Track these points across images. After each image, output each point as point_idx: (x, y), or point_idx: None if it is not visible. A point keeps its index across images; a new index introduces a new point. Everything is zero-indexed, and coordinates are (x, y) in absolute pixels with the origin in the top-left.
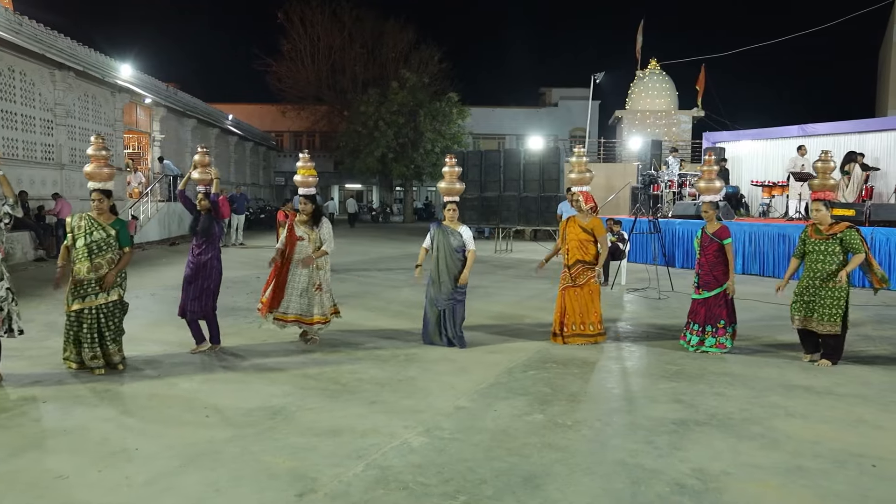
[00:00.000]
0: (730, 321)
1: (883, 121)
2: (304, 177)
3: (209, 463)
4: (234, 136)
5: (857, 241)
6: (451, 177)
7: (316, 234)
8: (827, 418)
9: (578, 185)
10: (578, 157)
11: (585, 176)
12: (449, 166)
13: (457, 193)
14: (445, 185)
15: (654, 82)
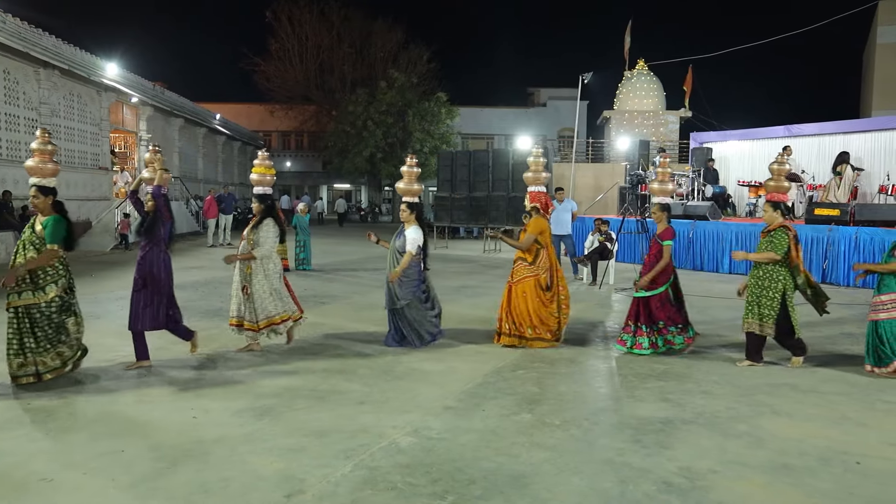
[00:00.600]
0: (669, 322)
1: (867, 122)
2: (260, 175)
3: (196, 464)
4: (222, 136)
5: (780, 241)
6: (410, 177)
7: (254, 236)
8: (812, 416)
9: (533, 184)
10: (535, 157)
11: (540, 176)
12: (408, 166)
13: (415, 194)
14: (404, 185)
15: (641, 83)
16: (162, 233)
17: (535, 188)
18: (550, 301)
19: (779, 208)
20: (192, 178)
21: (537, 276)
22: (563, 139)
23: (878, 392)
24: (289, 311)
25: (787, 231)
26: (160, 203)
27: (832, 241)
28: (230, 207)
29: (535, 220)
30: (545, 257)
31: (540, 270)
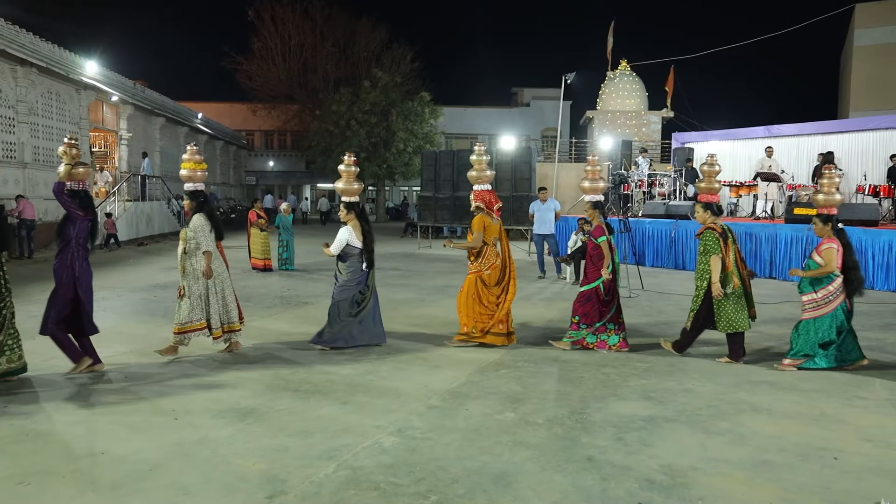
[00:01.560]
0: (584, 319)
1: (844, 122)
2: (190, 171)
3: (178, 466)
4: (204, 135)
5: (709, 243)
6: (349, 177)
7: (184, 233)
8: (791, 413)
9: (477, 182)
10: (479, 156)
11: (484, 174)
12: (346, 165)
13: (354, 194)
14: (343, 184)
15: (624, 83)
16: (71, 233)
17: (480, 186)
18: (497, 297)
19: (709, 209)
20: (173, 178)
21: (479, 273)
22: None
23: (856, 389)
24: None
25: (713, 231)
26: (64, 201)
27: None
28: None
29: (478, 218)
30: (491, 254)
31: (483, 267)
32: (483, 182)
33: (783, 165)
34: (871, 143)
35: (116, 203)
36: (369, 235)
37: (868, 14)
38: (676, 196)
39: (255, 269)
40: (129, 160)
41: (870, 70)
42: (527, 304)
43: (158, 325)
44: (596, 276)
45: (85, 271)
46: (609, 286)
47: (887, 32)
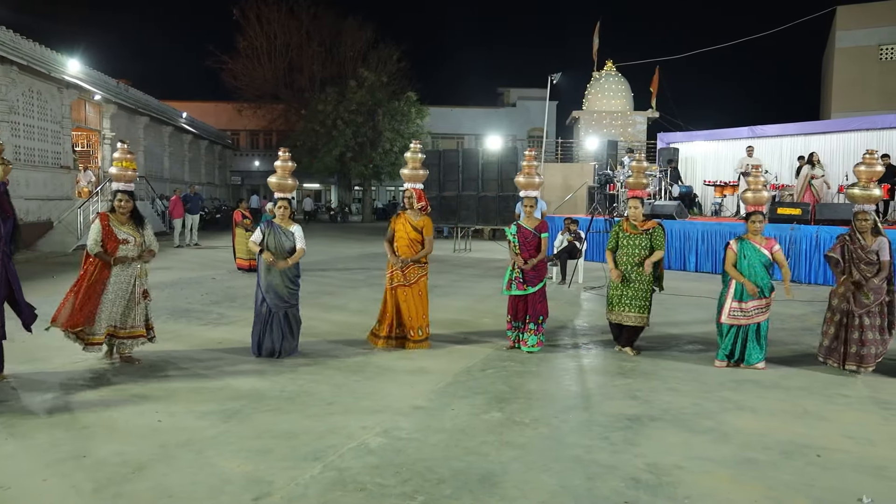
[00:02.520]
0: (546, 316)
1: (826, 123)
2: (121, 169)
3: (162, 468)
4: (189, 135)
5: (661, 239)
6: (284, 172)
7: (142, 237)
8: (775, 411)
9: (411, 181)
10: (413, 154)
11: (418, 173)
12: (282, 161)
13: (289, 190)
14: (276, 179)
15: (610, 83)
16: (2, 231)
17: (417, 185)
18: None
19: (644, 204)
20: (158, 178)
21: (427, 274)
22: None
23: (838, 387)
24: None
25: (664, 228)
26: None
27: (794, 240)
28: (197, 207)
29: (428, 220)
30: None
31: (427, 268)
32: (419, 181)
33: (766, 165)
34: (852, 144)
35: (99, 203)
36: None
37: (849, 16)
38: (661, 196)
39: (240, 269)
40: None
41: (851, 72)
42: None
43: None
44: (545, 273)
45: (13, 271)
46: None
47: (868, 35)
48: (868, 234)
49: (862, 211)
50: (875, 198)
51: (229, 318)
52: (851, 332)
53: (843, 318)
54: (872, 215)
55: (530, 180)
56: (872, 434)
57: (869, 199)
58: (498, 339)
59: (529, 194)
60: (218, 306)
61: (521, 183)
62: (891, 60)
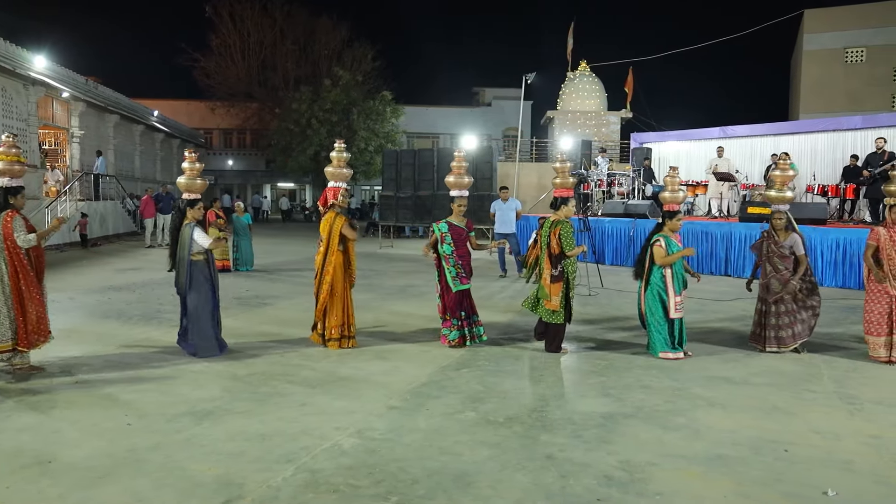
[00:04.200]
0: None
1: (794, 124)
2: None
3: (130, 472)
4: (161, 133)
5: (567, 234)
6: (192, 172)
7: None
8: (744, 407)
9: (334, 179)
10: (339, 152)
11: (342, 171)
12: (189, 161)
13: (198, 190)
14: (185, 180)
15: (584, 84)
16: None
17: (339, 183)
18: None
19: (569, 203)
20: (128, 177)
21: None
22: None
23: (805, 383)
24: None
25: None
26: None
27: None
28: (168, 207)
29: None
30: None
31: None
32: (341, 179)
33: (737, 165)
34: (819, 144)
35: (68, 203)
36: None
37: (817, 20)
38: (635, 195)
39: None
40: (82, 158)
41: (818, 74)
42: (488, 302)
43: (112, 328)
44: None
45: None
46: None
47: (834, 38)
48: (782, 231)
49: (777, 210)
50: (788, 199)
51: None
52: (769, 318)
53: (763, 306)
54: (786, 214)
55: (459, 180)
56: (838, 429)
57: (783, 201)
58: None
59: (462, 194)
60: None
61: (451, 183)
62: (855, 63)
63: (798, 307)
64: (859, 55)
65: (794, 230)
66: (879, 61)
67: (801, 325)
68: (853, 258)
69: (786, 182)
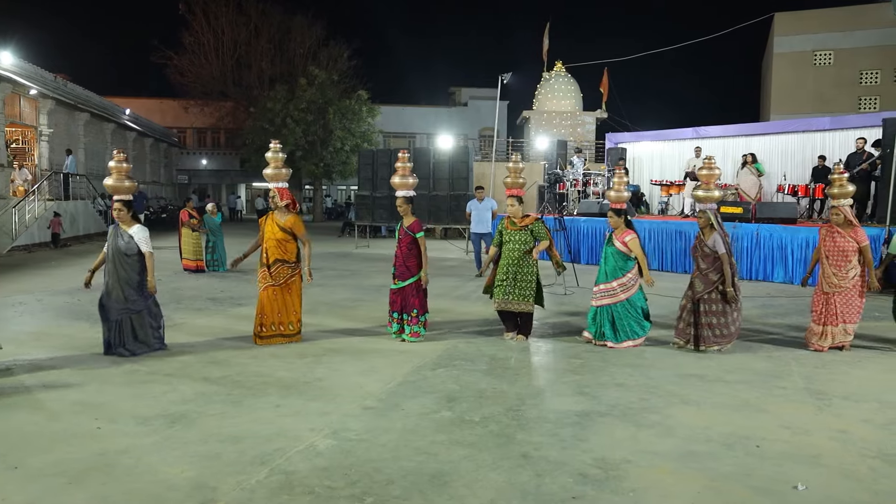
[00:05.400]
0: (422, 310)
1: (765, 125)
2: None
3: (100, 477)
4: (133, 132)
5: (542, 231)
6: (119, 173)
7: None
8: (717, 404)
9: (273, 180)
10: (274, 153)
11: (281, 172)
12: (117, 161)
13: (125, 192)
14: (112, 182)
15: (559, 84)
16: None
17: (279, 184)
18: None
19: (522, 202)
20: (99, 176)
21: (299, 274)
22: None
23: (776, 379)
24: None
25: (542, 221)
26: None
27: (736, 238)
28: (141, 206)
29: (295, 219)
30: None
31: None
32: (281, 179)
33: None
34: (790, 145)
35: (37, 203)
36: None
37: (786, 23)
38: None
39: (186, 269)
40: (52, 157)
41: (788, 76)
42: (464, 301)
43: (81, 330)
44: (418, 268)
45: None
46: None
47: (803, 41)
48: (707, 230)
49: (701, 210)
50: (714, 198)
51: (173, 321)
52: (689, 316)
53: (689, 304)
54: (708, 213)
55: (404, 180)
56: (807, 424)
57: (709, 200)
58: (448, 338)
59: (405, 194)
60: (162, 308)
61: (396, 183)
62: (824, 66)
63: (724, 308)
64: (827, 58)
65: (717, 229)
66: (846, 64)
67: (727, 328)
68: None
69: (710, 181)
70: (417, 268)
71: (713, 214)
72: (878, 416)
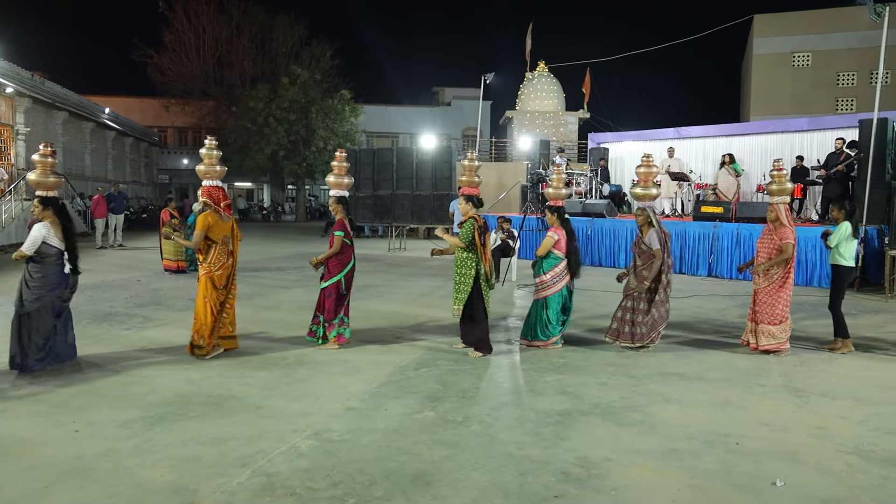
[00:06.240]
0: (328, 315)
1: (745, 125)
2: None
3: (78, 481)
4: (112, 131)
5: (463, 231)
6: (44, 168)
7: None
8: (698, 402)
9: (205, 177)
10: (209, 150)
11: (214, 170)
12: (41, 155)
13: (50, 188)
14: (36, 177)
15: (542, 84)
16: None
17: (209, 182)
18: (220, 300)
19: (471, 201)
20: (78, 176)
21: (210, 274)
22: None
23: (756, 377)
24: None
25: (475, 222)
26: None
27: (717, 237)
28: (121, 207)
29: (204, 216)
30: (222, 254)
31: (213, 268)
32: (212, 177)
33: (691, 165)
34: (769, 145)
35: (13, 202)
36: (71, 235)
37: (766, 25)
38: (592, 195)
39: (167, 270)
40: (28, 156)
41: (767, 77)
42: (447, 301)
43: None
44: (338, 270)
45: None
46: (349, 280)
47: (782, 42)
48: (645, 227)
49: (639, 208)
50: (652, 196)
51: (155, 322)
52: (620, 313)
53: (623, 301)
54: (647, 211)
55: (339, 180)
56: (786, 421)
57: (647, 197)
58: (432, 337)
59: (337, 194)
60: (143, 309)
61: (331, 182)
62: (802, 67)
63: (649, 307)
64: (806, 60)
65: (654, 226)
66: (824, 66)
67: (645, 326)
68: (800, 255)
69: (649, 179)
70: (338, 269)
71: (651, 212)
72: (854, 413)
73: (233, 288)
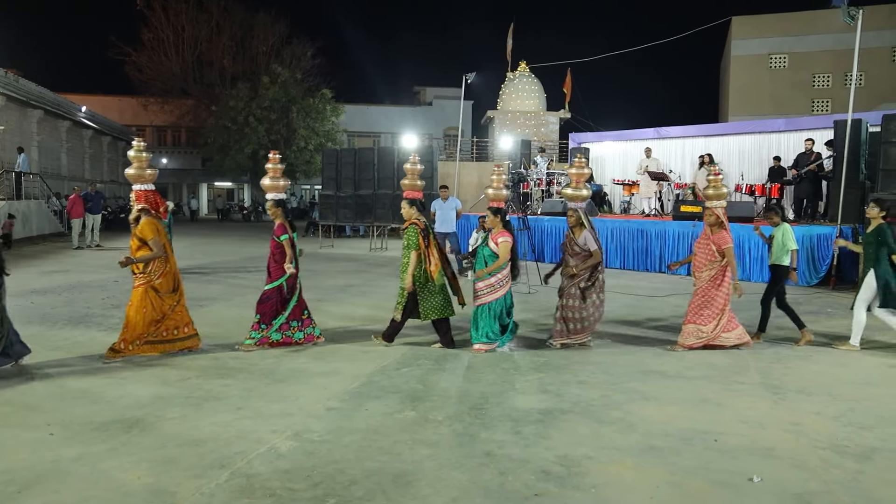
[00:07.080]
0: (263, 318)
1: (724, 126)
2: None
3: (53, 485)
4: (89, 130)
5: (411, 238)
6: None
7: None
8: (677, 400)
9: (138, 182)
10: (138, 152)
11: (145, 173)
12: None
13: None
14: None
15: (524, 84)
16: None
17: (141, 186)
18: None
19: (414, 205)
20: (54, 175)
21: (149, 283)
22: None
23: (734, 374)
24: None
25: (417, 227)
26: None
27: (696, 236)
28: (98, 206)
29: (150, 223)
30: (160, 261)
31: (153, 277)
32: (145, 181)
33: (671, 165)
34: (747, 146)
35: None
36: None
37: (743, 26)
38: None
39: None
40: (2, 155)
41: (745, 78)
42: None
43: (35, 333)
44: (279, 273)
45: None
46: (292, 284)
47: (760, 44)
48: (577, 228)
49: (570, 208)
50: (583, 197)
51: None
52: (563, 311)
53: (561, 300)
54: (578, 212)
55: (275, 183)
56: (763, 418)
57: (578, 198)
58: (413, 337)
59: (275, 197)
60: (120, 310)
61: (266, 185)
62: (779, 69)
63: (583, 304)
64: (782, 61)
65: (587, 227)
66: (800, 67)
67: (582, 322)
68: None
69: (580, 180)
70: (278, 272)
71: (583, 213)
72: (828, 409)
73: (182, 289)
